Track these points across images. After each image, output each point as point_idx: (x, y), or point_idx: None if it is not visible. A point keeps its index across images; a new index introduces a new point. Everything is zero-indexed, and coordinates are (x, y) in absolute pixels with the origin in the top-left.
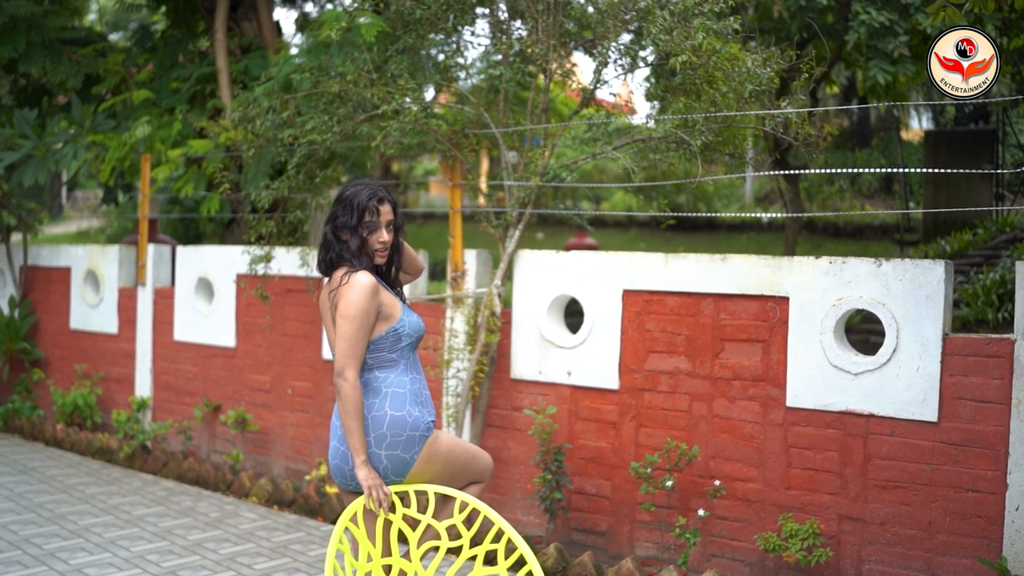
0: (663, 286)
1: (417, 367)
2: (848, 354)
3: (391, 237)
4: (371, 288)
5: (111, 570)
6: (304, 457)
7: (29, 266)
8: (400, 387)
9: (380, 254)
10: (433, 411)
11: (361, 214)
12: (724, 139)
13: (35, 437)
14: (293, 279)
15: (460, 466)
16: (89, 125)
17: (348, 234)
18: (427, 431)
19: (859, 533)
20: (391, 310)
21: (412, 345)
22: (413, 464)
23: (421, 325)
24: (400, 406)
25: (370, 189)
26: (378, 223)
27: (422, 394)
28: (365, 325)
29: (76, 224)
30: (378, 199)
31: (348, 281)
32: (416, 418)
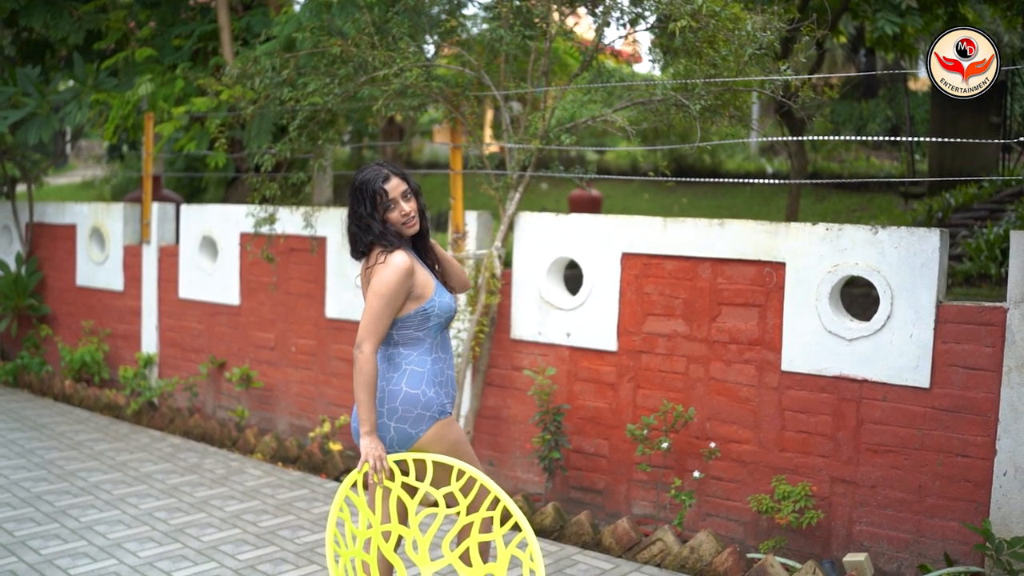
0: (661, 250)
1: (445, 347)
2: (843, 320)
3: (411, 206)
4: (405, 270)
5: (120, 527)
6: (308, 414)
7: (35, 223)
8: (420, 366)
9: (408, 226)
10: (453, 394)
11: (372, 200)
12: (724, 101)
13: (44, 393)
14: (297, 238)
15: (466, 462)
16: (92, 83)
17: (369, 221)
18: (439, 413)
19: (850, 495)
20: (423, 290)
21: (441, 325)
22: (417, 440)
23: (452, 306)
24: (416, 385)
25: (373, 172)
26: (393, 200)
27: (444, 375)
28: (392, 304)
29: (81, 174)
30: (383, 179)
31: (384, 260)
32: (430, 399)
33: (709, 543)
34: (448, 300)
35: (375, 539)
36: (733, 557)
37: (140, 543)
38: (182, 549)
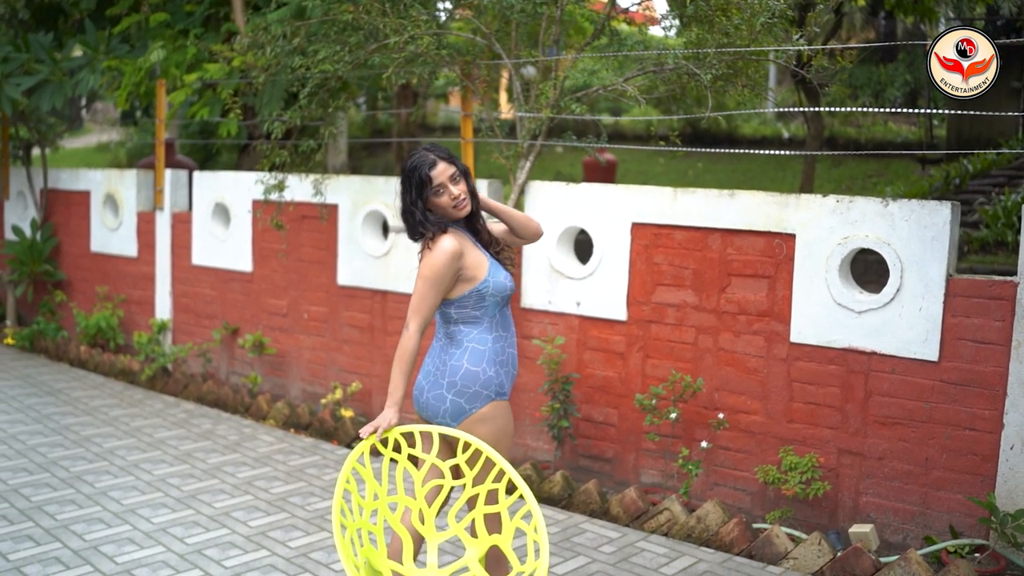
0: (671, 220)
1: (506, 325)
2: (852, 292)
3: (460, 188)
4: (452, 254)
5: (134, 493)
6: (320, 380)
7: (49, 189)
8: (481, 344)
9: (458, 208)
10: (514, 375)
11: (419, 187)
12: (737, 70)
13: (60, 358)
14: (308, 205)
15: (502, 453)
16: (104, 49)
17: (412, 208)
18: (495, 394)
19: (857, 467)
20: (474, 272)
21: (497, 303)
22: (468, 416)
23: (507, 285)
24: (477, 362)
25: (420, 159)
26: (441, 185)
27: (504, 353)
28: (437, 287)
29: (96, 138)
30: (429, 165)
31: (433, 245)
32: (489, 377)
33: (716, 513)
34: (502, 279)
35: (382, 510)
36: (739, 527)
37: (153, 509)
38: (194, 515)
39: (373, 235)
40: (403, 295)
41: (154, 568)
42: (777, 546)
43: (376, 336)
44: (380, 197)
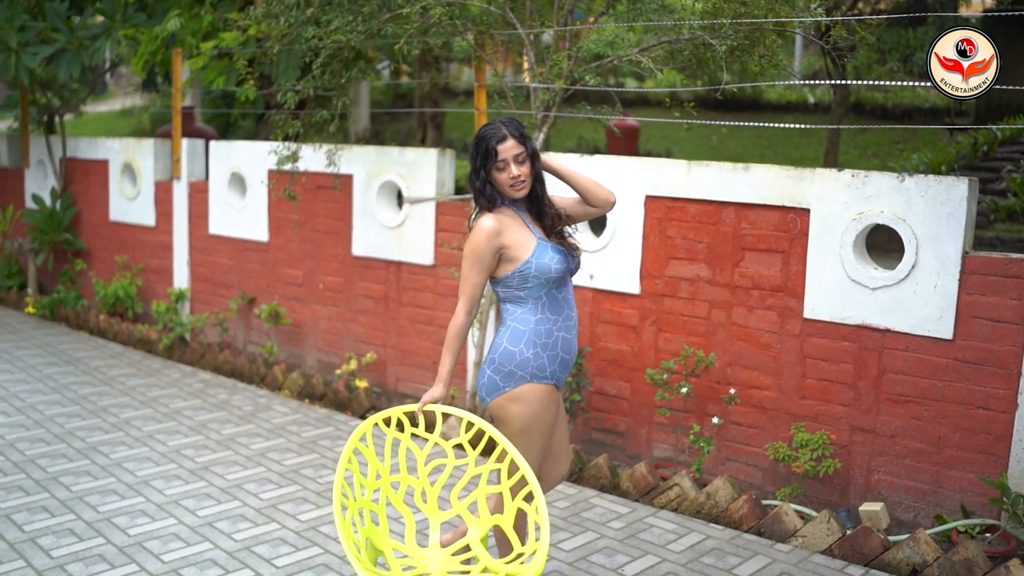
0: (685, 193)
1: (555, 308)
2: (867, 268)
3: (522, 170)
4: (488, 232)
5: (148, 464)
6: (336, 350)
7: (68, 158)
8: (523, 324)
9: (515, 188)
10: (566, 359)
11: (484, 156)
12: (754, 40)
13: (80, 327)
14: (323, 176)
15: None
16: (121, 18)
17: (474, 176)
18: (531, 376)
19: (869, 444)
20: (517, 252)
21: (543, 285)
22: (501, 393)
23: (551, 267)
24: (515, 342)
25: (492, 130)
26: (504, 161)
27: (551, 336)
28: (478, 266)
29: (120, 102)
30: (498, 139)
31: (474, 224)
32: (526, 358)
33: (725, 489)
34: (547, 261)
35: (384, 489)
36: (749, 504)
37: (167, 481)
38: (207, 487)
39: (388, 206)
40: (417, 266)
41: (165, 540)
42: (786, 523)
43: (391, 307)
44: (394, 168)
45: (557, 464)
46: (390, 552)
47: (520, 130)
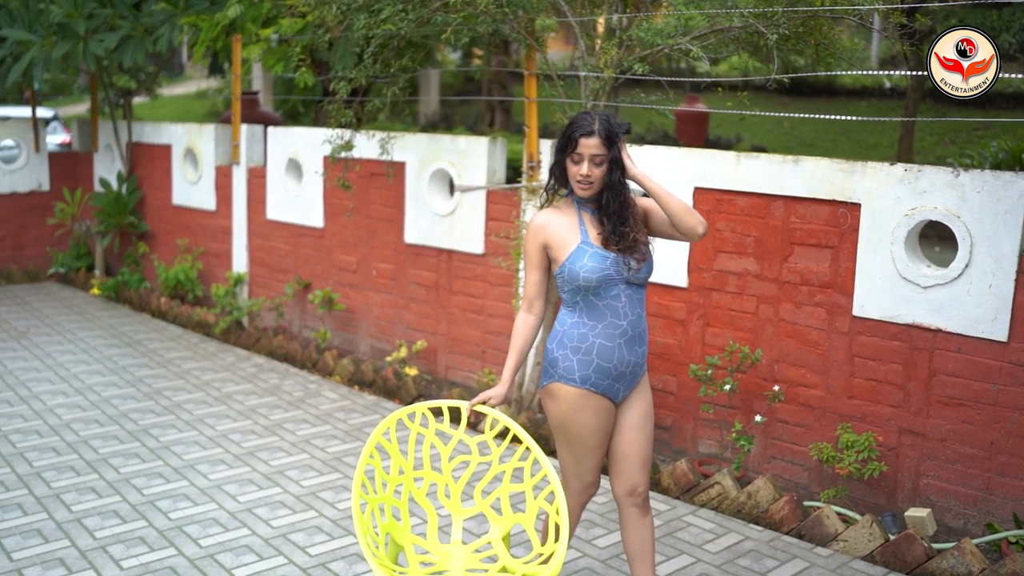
0: (735, 186)
1: (597, 315)
2: (918, 266)
3: (592, 171)
4: (534, 228)
5: (195, 448)
6: (388, 337)
7: (134, 142)
8: (560, 325)
9: (580, 187)
10: (606, 368)
11: (565, 144)
12: (809, 28)
13: (142, 308)
14: (376, 163)
15: (567, 442)
16: (183, 5)
17: (553, 161)
18: (560, 377)
19: (918, 447)
20: (557, 252)
21: (578, 291)
22: (542, 386)
23: (579, 274)
24: (551, 340)
25: (582, 120)
26: (581, 156)
27: (587, 341)
28: (529, 264)
29: (196, 84)
30: (584, 132)
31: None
32: (555, 358)
33: (767, 489)
34: (577, 268)
35: (407, 485)
36: (789, 505)
37: (212, 465)
38: (250, 473)
39: (439, 193)
40: (467, 255)
41: (204, 525)
42: (827, 527)
43: (441, 295)
44: (446, 156)
45: (619, 476)
46: (410, 548)
47: (611, 130)
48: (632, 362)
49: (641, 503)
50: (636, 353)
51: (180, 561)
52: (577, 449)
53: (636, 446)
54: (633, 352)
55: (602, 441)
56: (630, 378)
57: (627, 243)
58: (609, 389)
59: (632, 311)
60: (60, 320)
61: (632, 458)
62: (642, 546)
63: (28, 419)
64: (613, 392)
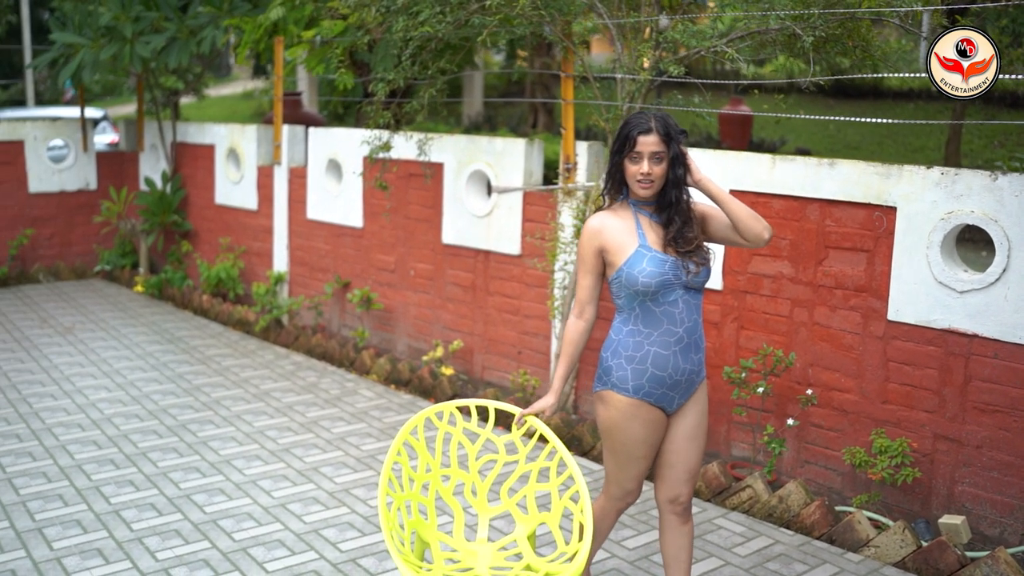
0: (769, 188)
1: (651, 322)
2: (955, 270)
3: (655, 169)
4: (589, 231)
5: (232, 444)
6: (425, 337)
7: (178, 142)
8: (615, 333)
9: (642, 186)
10: (661, 377)
11: (622, 143)
12: (848, 30)
13: (184, 306)
14: (415, 163)
15: (613, 450)
16: (227, 7)
17: (610, 161)
18: (611, 385)
19: (954, 454)
20: (614, 256)
21: (634, 296)
22: (595, 392)
23: (637, 279)
24: (606, 348)
25: (639, 119)
26: (638, 154)
27: (641, 350)
28: (581, 268)
29: (243, 85)
30: (641, 130)
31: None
32: (608, 366)
33: (798, 494)
34: (635, 273)
35: (434, 482)
36: (821, 510)
37: (247, 461)
38: (285, 469)
39: (477, 194)
40: (504, 255)
41: (238, 519)
42: (858, 532)
43: (478, 295)
44: (484, 156)
45: (664, 483)
46: (436, 545)
47: (669, 128)
48: (687, 370)
49: (682, 511)
50: (692, 361)
51: (213, 554)
52: (621, 457)
53: (684, 456)
54: (688, 360)
55: (648, 452)
56: (685, 386)
57: (691, 247)
58: (663, 399)
59: (689, 317)
60: (104, 316)
61: (679, 468)
62: (679, 552)
63: (71, 413)
64: (667, 401)
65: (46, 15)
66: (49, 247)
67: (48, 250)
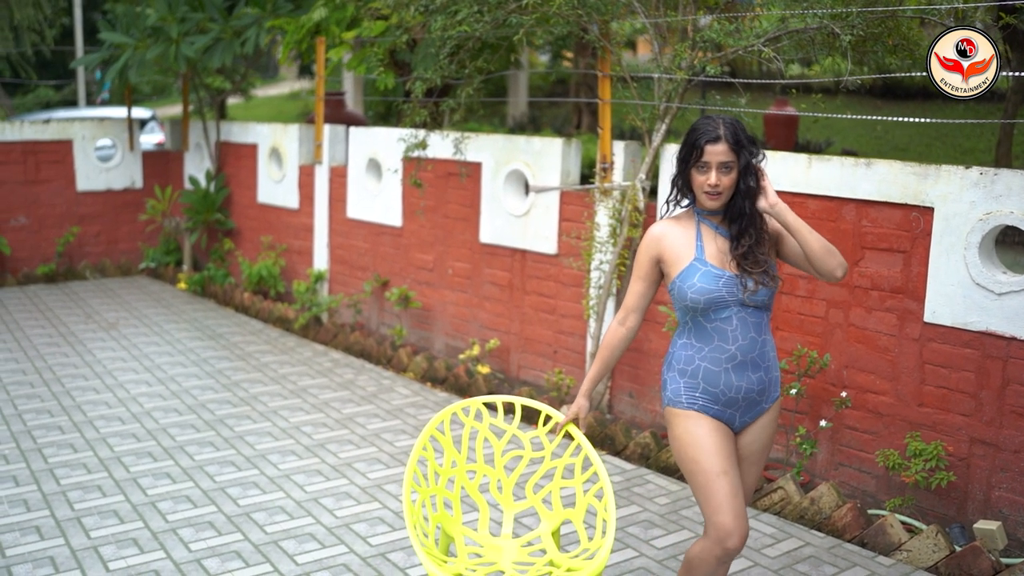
0: (805, 188)
1: (702, 335)
2: (993, 272)
3: (721, 180)
4: (648, 239)
5: (268, 439)
6: (462, 335)
7: (221, 142)
8: (672, 346)
9: (709, 197)
10: (700, 389)
11: (689, 152)
12: (888, 28)
13: (226, 303)
14: (454, 163)
15: (688, 471)
16: (270, 9)
17: (676, 169)
18: (669, 401)
19: (991, 458)
20: (670, 268)
21: (686, 310)
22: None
23: (686, 293)
24: (665, 361)
25: (706, 126)
26: (706, 163)
27: (691, 363)
28: (637, 272)
29: (289, 86)
30: (710, 138)
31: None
32: (664, 380)
33: (830, 496)
34: (685, 287)
35: (459, 477)
36: (852, 513)
37: (282, 455)
38: (319, 464)
39: (515, 194)
40: (540, 255)
41: (271, 512)
42: (890, 536)
43: (515, 294)
44: (521, 156)
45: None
46: (460, 540)
47: (739, 136)
48: (744, 388)
49: None
50: (749, 379)
51: (245, 546)
52: (699, 479)
53: (742, 476)
54: (744, 378)
55: (726, 464)
56: (744, 405)
57: (760, 268)
58: (720, 415)
59: (744, 335)
60: (148, 313)
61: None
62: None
63: (112, 406)
64: (727, 418)
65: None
66: (96, 244)
67: (95, 247)
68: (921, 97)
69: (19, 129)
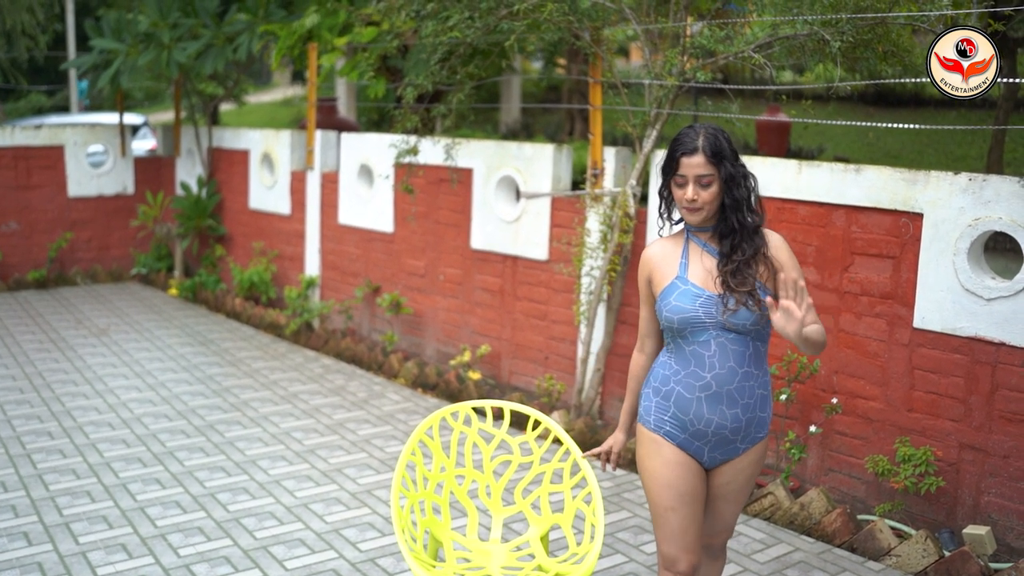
0: (795, 194)
1: (681, 358)
2: (982, 278)
3: (699, 195)
4: (641, 263)
5: (258, 444)
6: (453, 341)
7: (213, 148)
8: (656, 363)
9: (688, 211)
10: (670, 414)
11: (668, 165)
12: (877, 35)
13: (218, 309)
14: (444, 169)
15: (645, 493)
16: (263, 14)
17: (666, 182)
18: (641, 420)
19: (980, 463)
20: (655, 287)
21: (671, 332)
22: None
23: (661, 312)
24: (646, 383)
25: (685, 138)
26: (683, 176)
27: (666, 384)
28: (641, 300)
29: (282, 92)
30: (686, 151)
31: None
32: (645, 404)
33: (820, 501)
34: (663, 307)
35: (448, 482)
36: (842, 518)
37: (272, 461)
38: (309, 470)
39: (506, 200)
40: (531, 261)
41: (261, 518)
42: (880, 541)
43: (506, 300)
44: (512, 162)
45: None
46: (449, 544)
47: (718, 148)
48: (716, 423)
49: (713, 552)
50: (722, 415)
51: (235, 552)
52: (652, 508)
53: (720, 515)
54: (717, 412)
55: (678, 503)
56: (715, 442)
57: (747, 288)
58: (687, 445)
59: (722, 364)
60: (139, 319)
61: (710, 521)
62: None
63: (102, 412)
64: (694, 450)
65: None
66: (87, 250)
67: (86, 253)
68: (913, 104)
69: (10, 134)
